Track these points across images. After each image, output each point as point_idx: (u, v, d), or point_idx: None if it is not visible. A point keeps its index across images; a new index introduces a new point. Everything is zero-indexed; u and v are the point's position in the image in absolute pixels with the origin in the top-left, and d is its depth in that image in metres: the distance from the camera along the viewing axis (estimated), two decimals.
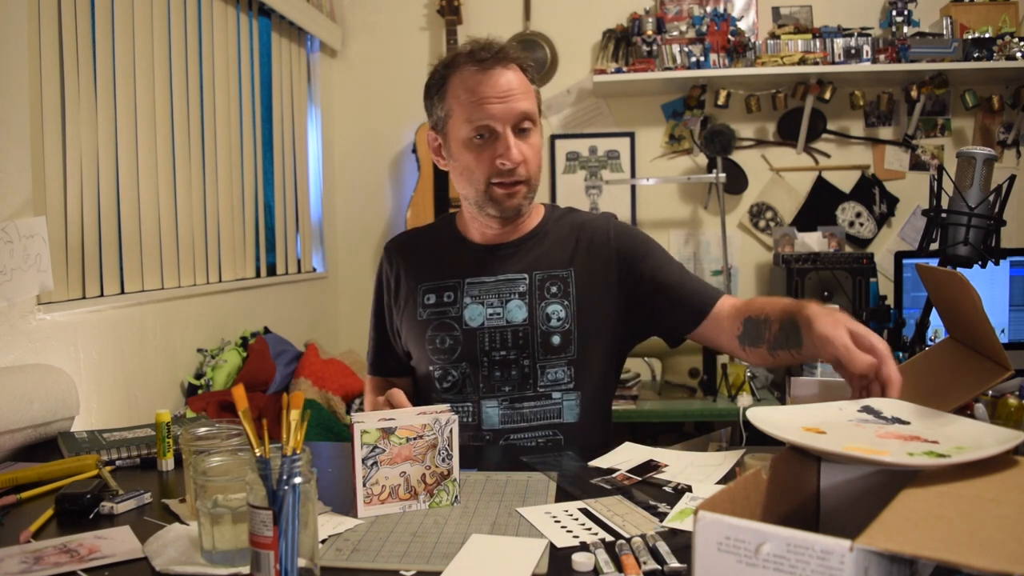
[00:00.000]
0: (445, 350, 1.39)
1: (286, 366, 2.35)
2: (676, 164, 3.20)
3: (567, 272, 1.40)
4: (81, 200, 1.79)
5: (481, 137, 1.31)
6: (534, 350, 1.37)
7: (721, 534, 0.54)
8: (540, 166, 1.38)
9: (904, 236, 3.11)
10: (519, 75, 1.33)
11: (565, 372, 1.37)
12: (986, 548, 0.50)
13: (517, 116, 1.30)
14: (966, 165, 1.52)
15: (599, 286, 1.39)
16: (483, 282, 1.40)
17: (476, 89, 1.30)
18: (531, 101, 1.34)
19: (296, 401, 0.77)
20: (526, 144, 1.33)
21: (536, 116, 1.35)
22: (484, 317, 1.38)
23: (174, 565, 0.83)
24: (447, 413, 1.01)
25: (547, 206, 1.50)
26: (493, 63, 1.30)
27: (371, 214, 3.32)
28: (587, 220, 1.47)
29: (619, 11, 3.14)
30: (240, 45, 2.54)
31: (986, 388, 1.00)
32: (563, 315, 1.37)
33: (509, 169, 1.31)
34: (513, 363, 1.37)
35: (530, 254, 1.41)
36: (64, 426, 1.45)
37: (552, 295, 1.38)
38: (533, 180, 1.35)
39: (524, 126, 1.32)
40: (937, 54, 2.83)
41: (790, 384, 1.22)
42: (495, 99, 1.29)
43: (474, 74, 1.30)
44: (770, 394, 2.67)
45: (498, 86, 1.29)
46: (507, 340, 1.37)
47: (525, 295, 1.38)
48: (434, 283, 1.42)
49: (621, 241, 1.42)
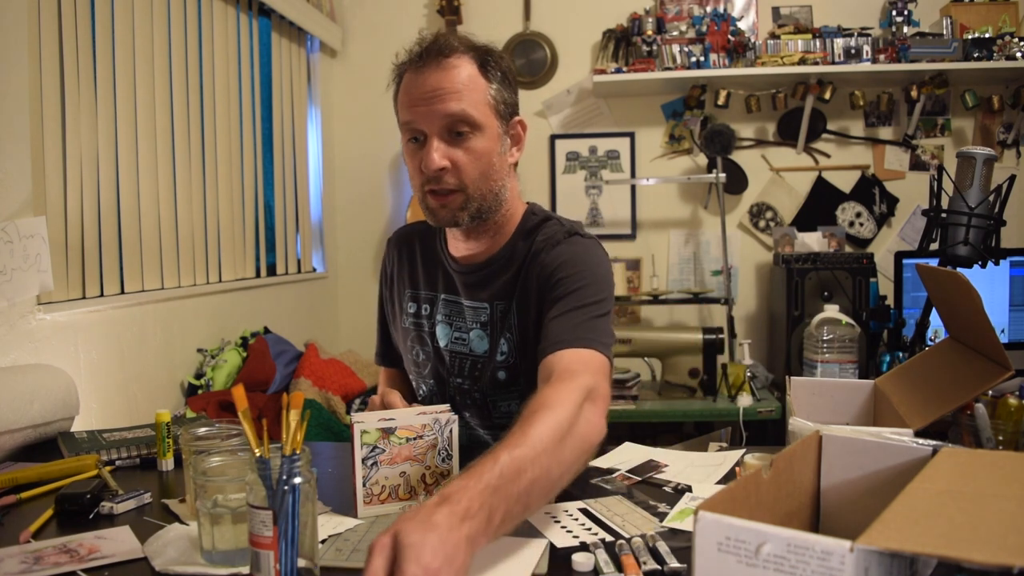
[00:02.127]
0: (419, 363, 1.36)
1: (286, 366, 2.35)
2: (676, 164, 3.20)
3: (512, 302, 1.26)
4: (81, 200, 1.79)
5: (415, 141, 1.20)
6: (484, 384, 1.29)
7: (721, 534, 0.54)
8: (485, 174, 1.20)
9: (904, 236, 3.11)
10: (463, 70, 1.18)
11: (517, 405, 1.27)
12: (987, 542, 0.50)
13: (443, 119, 1.16)
14: (966, 165, 1.52)
15: (532, 314, 1.24)
16: (457, 302, 1.32)
17: (408, 90, 1.20)
18: (470, 100, 1.17)
19: (296, 401, 0.77)
20: (459, 150, 1.18)
21: (475, 118, 1.17)
22: (449, 339, 1.31)
23: (174, 565, 0.83)
24: (447, 413, 1.01)
25: (527, 213, 1.33)
26: (426, 61, 1.18)
27: (371, 214, 3.32)
28: (543, 240, 1.27)
29: (619, 11, 3.13)
30: (240, 45, 2.54)
31: (986, 388, 1.00)
32: (505, 348, 1.27)
33: (433, 176, 1.18)
34: (467, 392, 1.31)
35: (494, 280, 1.29)
36: (64, 426, 1.45)
37: (506, 327, 1.27)
38: (472, 188, 1.19)
39: (459, 129, 1.17)
40: (937, 54, 2.83)
41: (790, 384, 1.22)
42: (420, 101, 1.17)
43: (409, 74, 1.20)
44: (770, 394, 2.67)
45: (424, 87, 1.17)
46: (464, 368, 1.30)
47: (487, 325, 1.28)
48: (414, 292, 1.37)
49: (549, 267, 1.23)
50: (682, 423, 2.76)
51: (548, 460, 0.85)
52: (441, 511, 0.72)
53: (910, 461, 0.71)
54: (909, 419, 1.01)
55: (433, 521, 0.71)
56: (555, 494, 0.91)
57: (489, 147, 1.20)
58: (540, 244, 1.26)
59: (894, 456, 0.72)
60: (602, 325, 1.15)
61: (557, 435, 0.88)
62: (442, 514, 0.72)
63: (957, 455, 0.69)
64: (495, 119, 1.21)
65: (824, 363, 1.97)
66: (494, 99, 1.20)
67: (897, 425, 1.01)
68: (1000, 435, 1.05)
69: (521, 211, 1.32)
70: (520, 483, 0.81)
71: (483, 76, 1.19)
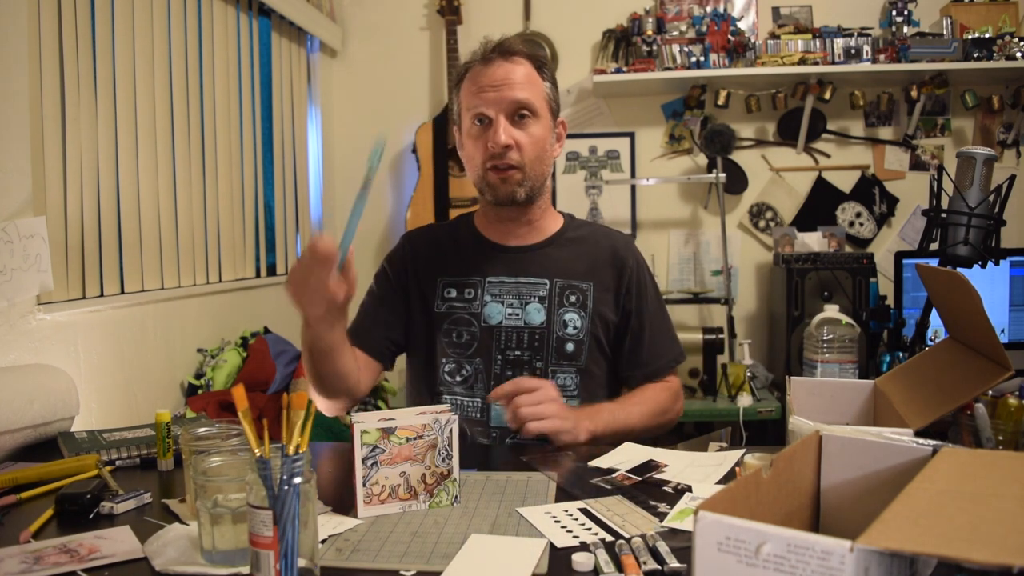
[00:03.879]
0: (461, 344, 1.41)
1: (286, 366, 2.35)
2: (676, 164, 3.20)
3: (587, 284, 1.44)
4: (81, 200, 1.79)
5: (480, 123, 1.37)
6: (547, 353, 1.40)
7: (721, 534, 0.54)
8: (540, 157, 1.39)
9: (904, 236, 3.11)
10: (524, 68, 1.38)
11: (572, 379, 1.41)
12: (987, 542, 0.50)
13: (510, 103, 1.35)
14: (966, 165, 1.52)
15: (611, 304, 1.45)
16: (503, 282, 1.43)
17: (476, 80, 1.37)
18: (532, 92, 1.37)
19: (300, 401, 0.77)
20: (521, 132, 1.36)
21: (536, 107, 1.37)
22: (503, 316, 1.41)
23: (174, 565, 0.83)
24: (447, 413, 1.01)
25: (567, 216, 1.54)
26: (495, 56, 1.37)
27: (371, 214, 3.32)
28: (610, 234, 1.52)
29: (619, 11, 3.13)
30: (240, 45, 2.54)
31: (986, 388, 1.00)
32: (579, 324, 1.41)
33: (499, 153, 1.34)
34: (526, 364, 1.40)
35: (550, 259, 1.45)
36: (64, 426, 1.45)
37: (570, 303, 1.42)
38: (528, 168, 1.37)
39: (521, 113, 1.36)
40: (937, 54, 2.83)
41: (790, 384, 1.22)
42: (490, 87, 1.35)
43: (477, 67, 1.39)
44: (770, 394, 2.67)
45: (494, 76, 1.36)
46: (523, 340, 1.40)
47: (545, 299, 1.41)
48: (454, 278, 1.45)
49: (638, 270, 1.48)
50: (682, 423, 2.75)
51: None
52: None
53: (910, 461, 0.71)
54: (909, 419, 1.01)
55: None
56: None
57: (544, 135, 1.40)
58: (618, 240, 1.50)
59: (894, 456, 0.72)
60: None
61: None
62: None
63: (957, 455, 0.69)
64: (548, 113, 1.41)
65: (824, 363, 1.97)
66: (548, 96, 1.41)
67: (897, 425, 1.01)
68: (1000, 435, 1.05)
69: (552, 209, 1.52)
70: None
71: (540, 76, 1.40)
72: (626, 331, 1.46)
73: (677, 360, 1.51)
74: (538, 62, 1.41)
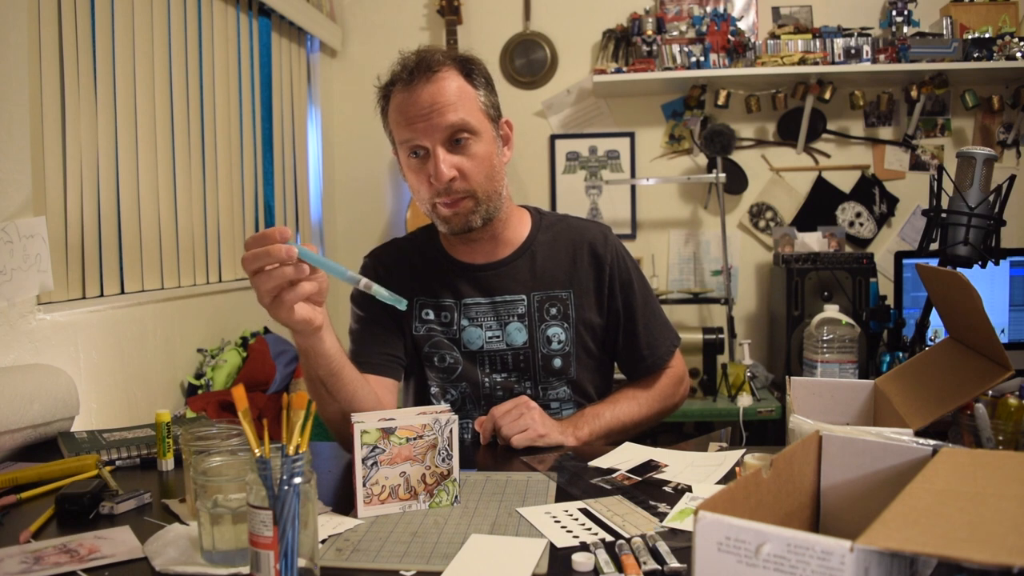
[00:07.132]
0: (444, 369, 1.37)
1: (286, 366, 2.35)
2: (676, 164, 3.20)
3: (566, 293, 1.37)
4: (81, 200, 1.79)
5: (416, 155, 1.25)
6: (535, 372, 1.36)
7: (721, 534, 0.54)
8: (489, 176, 1.28)
9: (904, 236, 3.11)
10: (451, 82, 1.24)
11: (565, 391, 1.38)
12: (987, 542, 0.50)
13: (444, 130, 1.22)
14: (966, 165, 1.52)
15: (594, 307, 1.39)
16: (479, 303, 1.36)
17: (403, 109, 1.24)
18: (465, 109, 1.24)
19: (300, 401, 0.77)
20: (462, 157, 1.24)
21: (473, 124, 1.24)
22: (483, 340, 1.35)
23: (174, 565, 0.83)
24: (447, 413, 1.01)
25: (533, 213, 1.43)
26: (416, 78, 1.23)
27: (371, 214, 3.32)
28: (583, 230, 1.41)
29: (619, 11, 3.13)
30: (240, 45, 2.54)
31: (986, 388, 1.00)
32: (563, 338, 1.36)
33: (444, 188, 1.24)
34: (515, 384, 1.36)
35: (524, 272, 1.37)
36: (64, 426, 1.45)
37: (552, 317, 1.36)
38: (480, 191, 1.27)
39: (458, 137, 1.23)
40: (937, 54, 2.83)
41: (790, 384, 1.22)
42: (419, 117, 1.22)
43: (400, 94, 1.25)
44: (770, 394, 2.67)
45: (420, 103, 1.22)
46: (508, 363, 1.36)
47: (524, 317, 1.36)
48: (430, 299, 1.38)
49: (619, 265, 1.40)
50: (682, 423, 2.76)
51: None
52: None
53: (910, 461, 0.71)
54: (909, 419, 1.01)
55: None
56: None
57: (488, 150, 1.27)
58: (593, 234, 1.40)
59: (894, 456, 0.72)
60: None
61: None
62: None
63: (957, 455, 0.69)
64: (488, 123, 1.29)
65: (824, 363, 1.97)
66: (484, 104, 1.28)
67: (897, 425, 1.01)
68: (1000, 435, 1.05)
69: (516, 208, 1.41)
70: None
71: (470, 84, 1.27)
72: (617, 330, 1.41)
73: (674, 344, 1.45)
74: (466, 67, 1.27)
